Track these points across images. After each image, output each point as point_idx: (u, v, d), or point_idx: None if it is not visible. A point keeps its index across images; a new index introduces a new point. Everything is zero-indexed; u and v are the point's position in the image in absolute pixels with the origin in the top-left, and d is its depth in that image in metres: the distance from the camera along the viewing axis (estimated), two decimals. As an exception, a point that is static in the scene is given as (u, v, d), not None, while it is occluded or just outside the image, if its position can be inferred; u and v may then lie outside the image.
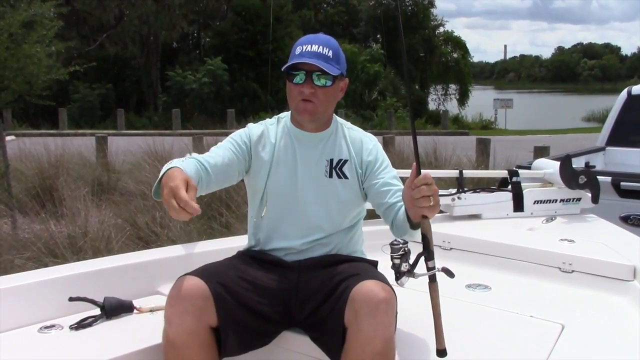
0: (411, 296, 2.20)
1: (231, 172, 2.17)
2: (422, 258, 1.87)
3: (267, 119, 2.31)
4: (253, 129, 2.25)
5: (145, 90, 28.62)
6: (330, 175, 2.18)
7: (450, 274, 1.88)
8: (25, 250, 4.96)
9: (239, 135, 2.22)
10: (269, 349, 2.08)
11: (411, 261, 1.90)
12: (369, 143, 2.26)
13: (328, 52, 2.09)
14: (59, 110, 21.09)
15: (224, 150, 2.17)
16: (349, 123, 2.34)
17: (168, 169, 1.88)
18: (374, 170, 2.20)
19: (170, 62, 28.71)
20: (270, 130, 2.24)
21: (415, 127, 2.06)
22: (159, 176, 1.89)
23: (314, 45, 2.08)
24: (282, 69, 2.10)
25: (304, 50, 2.08)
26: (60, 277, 2.35)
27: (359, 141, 2.25)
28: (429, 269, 1.85)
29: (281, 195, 2.17)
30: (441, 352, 1.81)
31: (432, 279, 1.84)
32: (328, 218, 2.17)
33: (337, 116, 2.29)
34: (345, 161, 2.20)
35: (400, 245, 1.89)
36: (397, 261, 1.89)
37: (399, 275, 1.89)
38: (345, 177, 2.19)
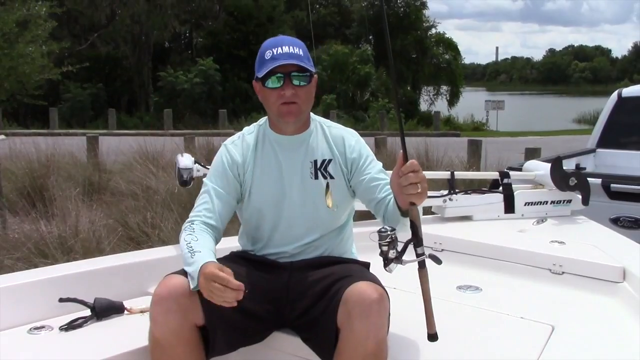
0: (403, 295, 2.21)
1: (233, 208, 2.19)
2: (411, 245, 1.86)
3: (245, 128, 2.27)
4: (232, 149, 2.20)
5: (136, 90, 28.54)
6: (316, 177, 2.16)
7: (437, 260, 1.86)
8: (15, 250, 4.93)
9: (222, 166, 2.17)
10: (259, 349, 2.08)
11: (399, 248, 1.89)
12: (350, 139, 2.22)
13: (299, 51, 2.07)
14: (49, 110, 20.98)
15: (221, 196, 2.13)
16: (329, 121, 2.30)
17: (200, 266, 1.87)
18: (360, 166, 2.17)
19: (162, 62, 28.64)
20: (249, 140, 2.21)
21: (401, 116, 2.07)
22: (191, 271, 1.90)
23: (284, 47, 2.05)
24: (259, 76, 2.07)
25: (275, 53, 2.04)
26: (51, 277, 2.34)
27: (340, 139, 2.21)
28: (418, 255, 1.84)
29: (269, 203, 2.15)
30: (432, 336, 1.83)
31: (422, 265, 1.84)
32: (318, 220, 2.16)
33: (314, 115, 2.26)
34: (330, 160, 2.17)
35: (388, 233, 1.87)
36: (384, 248, 1.87)
37: (387, 262, 1.88)
38: (331, 177, 2.16)
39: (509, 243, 2.92)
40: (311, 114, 2.24)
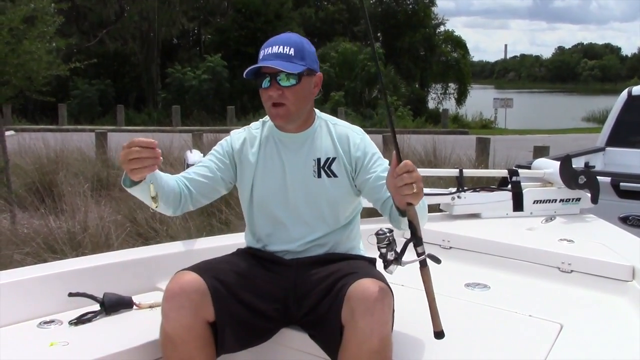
0: (411, 293, 2.21)
1: (215, 185, 2.20)
2: (411, 244, 1.85)
3: (252, 123, 2.29)
4: (235, 137, 2.25)
5: (145, 87, 28.60)
6: (319, 175, 2.14)
7: (436, 260, 1.85)
8: (24, 245, 4.96)
9: (220, 146, 2.24)
10: (268, 346, 2.09)
11: (398, 249, 1.89)
12: (355, 137, 2.19)
13: (289, 50, 2.04)
14: (58, 106, 21.07)
15: (204, 165, 2.21)
16: (335, 118, 2.28)
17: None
18: (365, 165, 2.15)
19: (170, 58, 28.69)
20: (254, 135, 2.23)
21: (391, 114, 2.06)
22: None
23: (274, 47, 2.05)
24: (244, 75, 2.08)
25: (265, 53, 2.05)
26: (60, 272, 2.35)
27: (345, 137, 2.19)
28: (418, 255, 1.83)
29: (271, 201, 2.16)
30: (438, 334, 1.81)
31: (423, 264, 1.82)
32: (321, 219, 2.16)
33: (320, 112, 2.25)
34: (334, 159, 2.16)
35: (386, 235, 1.87)
36: (383, 250, 1.87)
37: (386, 263, 1.88)
38: (335, 176, 2.15)
39: (517, 241, 2.91)
40: (317, 111, 2.23)
